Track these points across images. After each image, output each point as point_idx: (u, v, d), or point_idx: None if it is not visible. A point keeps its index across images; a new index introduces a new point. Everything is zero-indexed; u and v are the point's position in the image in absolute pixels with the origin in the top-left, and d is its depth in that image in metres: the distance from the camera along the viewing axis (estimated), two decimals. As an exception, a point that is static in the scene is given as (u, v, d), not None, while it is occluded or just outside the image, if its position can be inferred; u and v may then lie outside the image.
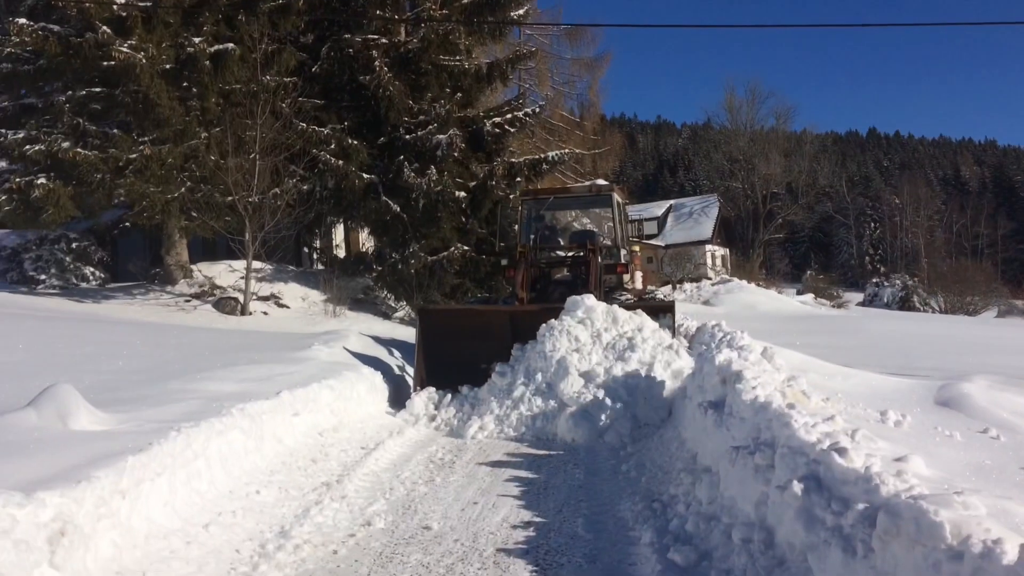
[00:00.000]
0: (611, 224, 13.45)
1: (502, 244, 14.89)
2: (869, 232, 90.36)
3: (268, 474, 5.74)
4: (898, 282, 48.74)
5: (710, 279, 44.30)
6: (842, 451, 3.62)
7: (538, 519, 5.22)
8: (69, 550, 3.38)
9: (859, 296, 51.05)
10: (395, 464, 6.73)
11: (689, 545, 4.32)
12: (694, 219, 64.31)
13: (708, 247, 59.13)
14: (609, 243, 13.00)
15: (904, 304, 44.60)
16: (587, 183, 18.35)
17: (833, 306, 41.32)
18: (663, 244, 56.62)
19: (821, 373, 8.21)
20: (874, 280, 53.28)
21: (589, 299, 9.04)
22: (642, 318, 9.03)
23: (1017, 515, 3.40)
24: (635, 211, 54.71)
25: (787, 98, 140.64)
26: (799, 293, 45.84)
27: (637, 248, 15.44)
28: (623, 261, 12.45)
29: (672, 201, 70.96)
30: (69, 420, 4.76)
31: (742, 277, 43.62)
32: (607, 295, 10.87)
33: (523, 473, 6.45)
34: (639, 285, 13.70)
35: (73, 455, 4.12)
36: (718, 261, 60.38)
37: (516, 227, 13.42)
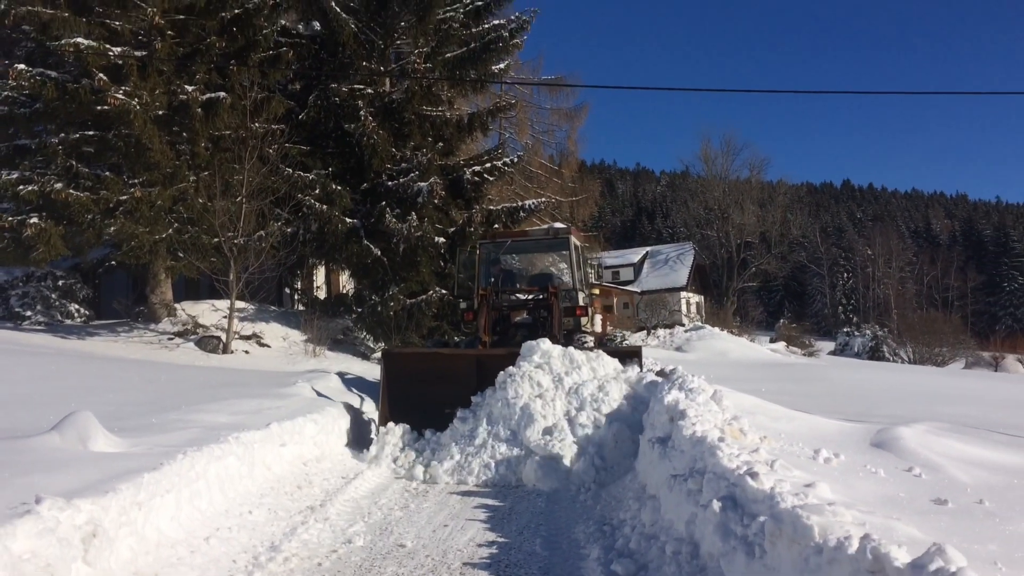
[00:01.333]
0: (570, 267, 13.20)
1: (472, 287, 14.74)
2: (842, 282, 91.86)
3: (259, 497, 6.31)
4: (868, 332, 49.56)
5: (684, 326, 45.01)
6: (755, 475, 4.28)
7: (501, 539, 5.83)
8: (99, 550, 3.97)
9: (831, 345, 51.80)
10: (373, 492, 7.34)
11: (630, 559, 4.96)
12: (670, 266, 65.50)
13: (683, 294, 60.20)
14: (569, 286, 12.83)
15: (874, 354, 45.26)
16: (545, 226, 18.82)
17: (804, 354, 42.10)
18: (639, 290, 57.61)
19: (769, 415, 8.77)
20: (845, 330, 54.11)
21: (544, 343, 8.99)
22: (601, 359, 8.95)
23: (899, 531, 4.05)
24: (612, 257, 55.80)
25: (762, 149, 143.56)
26: (772, 341, 46.59)
27: (597, 291, 15.57)
28: (582, 304, 12.40)
29: (649, 248, 72.31)
30: (88, 442, 5.36)
31: (716, 324, 44.31)
32: (566, 338, 10.77)
33: (490, 501, 7.06)
34: (599, 328, 13.79)
35: (97, 471, 4.72)
36: (692, 308, 61.37)
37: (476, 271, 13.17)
